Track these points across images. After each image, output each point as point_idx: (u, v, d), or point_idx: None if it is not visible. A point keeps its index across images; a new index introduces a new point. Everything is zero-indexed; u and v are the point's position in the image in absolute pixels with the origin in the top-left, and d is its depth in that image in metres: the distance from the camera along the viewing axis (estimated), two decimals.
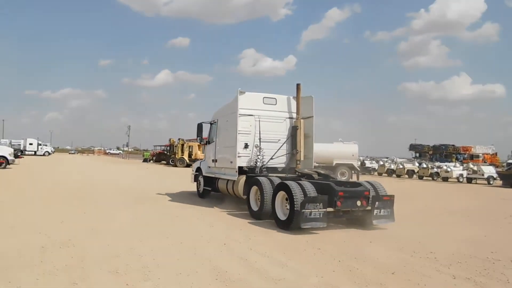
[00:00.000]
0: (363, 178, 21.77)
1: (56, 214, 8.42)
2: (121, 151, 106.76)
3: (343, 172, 23.43)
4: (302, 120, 12.17)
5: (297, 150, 11.76)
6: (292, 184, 8.56)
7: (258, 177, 9.87)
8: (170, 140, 38.39)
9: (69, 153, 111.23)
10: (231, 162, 11.44)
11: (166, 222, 7.87)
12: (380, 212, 9.12)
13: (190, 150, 33.77)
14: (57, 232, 6.74)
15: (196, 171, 14.41)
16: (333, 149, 23.71)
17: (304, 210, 8.19)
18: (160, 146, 53.24)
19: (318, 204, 8.35)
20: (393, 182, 22.53)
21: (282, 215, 8.66)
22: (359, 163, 26.83)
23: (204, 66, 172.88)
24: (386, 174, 30.10)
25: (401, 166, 30.49)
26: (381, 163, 33.41)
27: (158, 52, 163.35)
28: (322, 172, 10.37)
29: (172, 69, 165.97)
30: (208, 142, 13.56)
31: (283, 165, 11.72)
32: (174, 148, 36.83)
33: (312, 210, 8.36)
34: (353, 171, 23.29)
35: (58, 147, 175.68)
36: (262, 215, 9.47)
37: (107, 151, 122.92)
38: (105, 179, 15.94)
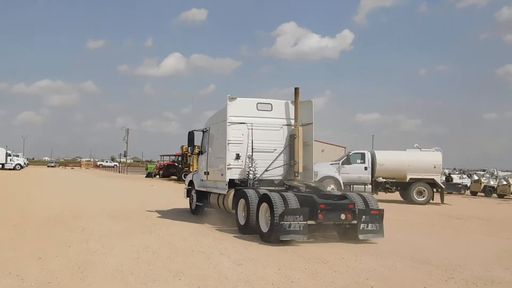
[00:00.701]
0: (451, 199, 22.17)
1: (31, 247, 8.80)
2: (116, 163, 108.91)
3: (420, 190, 23.61)
4: (300, 128, 14.00)
5: (295, 160, 13.57)
6: (274, 196, 10.38)
7: (245, 190, 11.62)
8: (182, 148, 39.19)
9: (48, 166, 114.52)
10: (222, 174, 13.16)
11: (178, 258, 8.75)
12: (367, 226, 10.97)
13: None
14: (33, 273, 7.15)
15: (188, 185, 16.52)
16: (407, 159, 24.04)
17: (283, 222, 10.02)
18: (169, 156, 54.39)
19: (298, 216, 10.11)
20: (494, 207, 22.36)
21: (265, 227, 10.48)
22: (444, 178, 27.23)
23: (227, 47, 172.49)
24: (482, 193, 29.73)
25: (504, 182, 30.10)
26: (476, 177, 33.30)
27: (165, 29, 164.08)
28: (312, 184, 12.16)
29: (184, 52, 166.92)
30: (201, 153, 15.62)
31: (280, 177, 13.51)
32: (188, 159, 37.47)
33: (292, 222, 10.20)
34: (435, 189, 23.42)
35: (33, 158, 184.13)
36: (249, 229, 11.20)
37: (99, 163, 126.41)
38: (96, 204, 17.17)
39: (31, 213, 13.63)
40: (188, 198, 16.56)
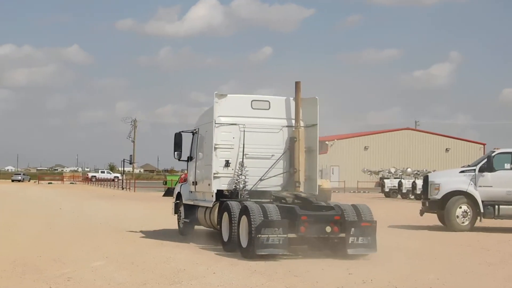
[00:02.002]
0: None
1: None
2: (118, 175, 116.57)
3: None
4: (302, 129, 18.01)
5: (295, 168, 17.55)
6: (252, 207, 14.78)
7: (229, 202, 15.82)
8: None
9: (13, 180, 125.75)
10: (209, 184, 17.18)
11: None
12: (357, 240, 15.13)
13: None
14: None
15: (176, 199, 21.20)
16: None
17: (260, 235, 14.27)
18: None
19: (276, 229, 14.37)
20: None
21: (244, 241, 14.69)
22: None
23: None
24: None
25: None
26: None
27: None
28: (303, 195, 16.16)
29: None
30: (190, 159, 20.17)
31: (279, 188, 17.54)
32: None
33: (270, 236, 14.48)
34: None
35: None
36: (232, 246, 15.69)
37: (91, 174, 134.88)
38: (87, 240, 20.01)
39: None
40: (176, 215, 20.67)
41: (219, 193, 17.87)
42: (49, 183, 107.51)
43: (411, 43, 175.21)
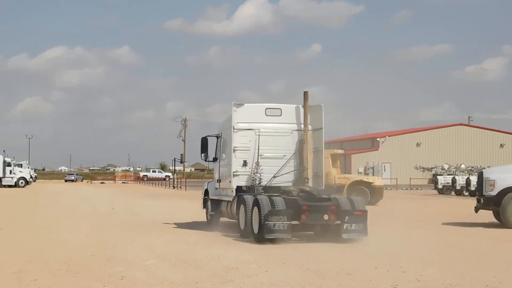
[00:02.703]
0: None
1: None
2: (169, 174, 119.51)
3: None
4: (309, 133, 21.04)
5: (304, 166, 20.76)
6: (262, 199, 18.08)
7: (244, 195, 19.12)
8: None
9: (66, 180, 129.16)
10: (230, 181, 20.35)
11: None
12: (350, 226, 18.41)
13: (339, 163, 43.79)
14: None
15: (204, 195, 24.89)
16: None
17: (268, 222, 17.56)
18: None
19: (282, 217, 17.68)
20: None
21: (256, 228, 17.83)
22: None
23: None
24: None
25: None
26: None
27: None
28: (307, 189, 19.54)
29: None
30: (215, 159, 23.25)
31: (290, 183, 20.70)
32: None
33: (276, 222, 17.79)
34: None
35: (43, 169, 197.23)
36: (247, 232, 18.53)
37: (142, 174, 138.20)
38: (140, 238, 20.74)
39: (41, 254, 15.62)
40: (205, 209, 23.80)
41: (238, 189, 20.79)
42: (101, 182, 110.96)
43: (463, 37, 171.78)
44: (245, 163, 21.34)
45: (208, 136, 23.63)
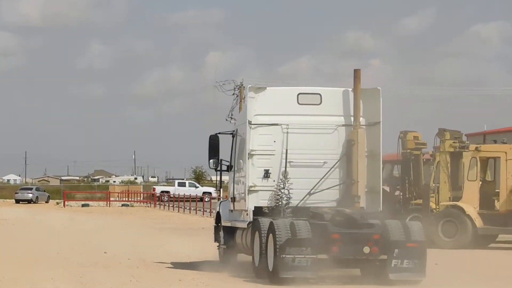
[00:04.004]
0: None
1: None
2: (210, 190, 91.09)
3: None
4: (361, 130, 16.75)
5: (353, 179, 16.70)
6: (279, 224, 15.42)
7: (260, 219, 16.30)
8: (403, 139, 33.73)
9: (18, 201, 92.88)
10: (244, 200, 17.45)
11: None
12: (401, 263, 14.91)
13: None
14: None
15: (216, 221, 20.77)
16: None
17: (285, 255, 14.79)
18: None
19: (304, 248, 14.84)
20: None
21: (271, 264, 15.62)
22: None
23: None
24: None
25: None
26: None
27: None
28: (347, 211, 15.89)
29: None
30: (230, 168, 19.13)
31: (334, 204, 17.01)
32: (422, 169, 34.65)
33: (296, 256, 14.68)
34: None
35: None
36: (263, 271, 15.94)
37: (161, 189, 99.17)
38: None
39: None
40: (216, 242, 20.59)
41: (258, 211, 16.95)
42: (83, 205, 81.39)
43: None
44: (266, 174, 16.73)
45: (219, 133, 18.86)
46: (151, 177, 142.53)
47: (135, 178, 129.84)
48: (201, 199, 70.79)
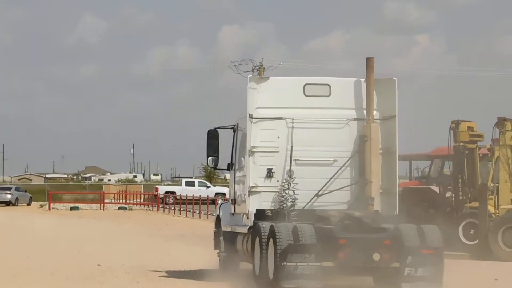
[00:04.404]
0: None
1: None
2: (224, 191, 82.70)
3: None
4: (375, 124, 15.54)
5: (366, 179, 15.55)
6: (280, 228, 14.45)
7: (260, 223, 15.40)
8: (455, 131, 30.45)
9: None
10: (245, 202, 16.61)
11: None
12: (415, 271, 13.68)
13: None
14: None
15: (216, 225, 19.75)
16: None
17: (286, 263, 13.77)
18: (410, 158, 45.93)
19: (307, 255, 13.82)
20: None
21: (271, 272, 14.68)
22: None
23: None
24: None
25: None
26: None
27: None
28: (356, 214, 15.03)
29: None
30: (231, 166, 17.94)
31: (345, 206, 15.91)
32: (478, 166, 31.30)
33: (299, 264, 13.60)
34: None
35: None
36: (263, 279, 14.92)
37: (165, 189, 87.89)
38: None
39: None
40: (217, 250, 19.86)
41: (260, 214, 15.96)
42: (72, 208, 73.40)
43: None
44: (270, 173, 15.59)
45: (219, 128, 17.70)
46: (153, 175, 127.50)
47: (134, 176, 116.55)
48: (213, 201, 61.60)
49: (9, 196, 76.46)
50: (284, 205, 15.57)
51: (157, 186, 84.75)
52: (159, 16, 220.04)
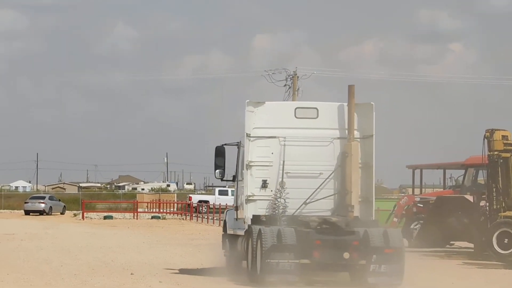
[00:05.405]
0: None
1: None
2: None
3: None
4: (355, 143, 17.89)
5: (347, 189, 18.15)
6: (266, 231, 17.06)
7: (252, 226, 18.10)
8: (489, 137, 31.10)
9: (27, 212, 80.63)
10: (243, 208, 19.61)
11: None
12: (379, 268, 16.39)
13: None
14: None
15: (223, 229, 22.88)
16: None
17: (269, 260, 16.61)
18: (433, 167, 45.42)
19: (288, 253, 16.67)
20: None
21: (258, 268, 17.82)
22: None
23: None
24: None
25: None
26: None
27: None
28: (333, 219, 17.46)
29: None
30: (235, 178, 20.50)
31: (328, 213, 18.42)
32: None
33: (280, 261, 16.45)
34: None
35: None
36: (253, 274, 17.72)
37: (198, 198, 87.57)
38: None
39: None
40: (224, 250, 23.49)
41: (256, 219, 18.26)
42: (105, 217, 72.80)
43: None
44: (264, 184, 18.00)
45: (225, 144, 19.76)
46: (187, 184, 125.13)
47: (168, 185, 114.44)
48: None
49: (42, 205, 75.74)
50: (277, 212, 18.25)
51: (190, 195, 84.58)
52: (191, 24, 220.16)
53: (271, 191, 18.18)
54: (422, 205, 36.42)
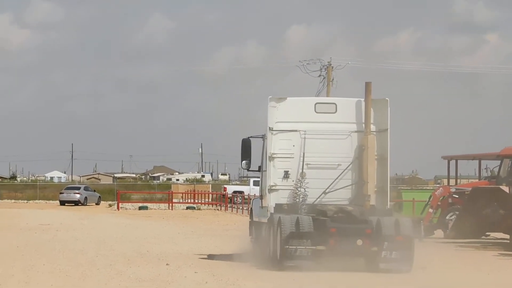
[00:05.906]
0: None
1: None
2: None
3: None
4: (371, 136, 19.16)
5: (364, 180, 19.41)
6: (285, 219, 18.60)
7: (274, 215, 19.72)
8: None
9: (62, 202, 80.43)
10: (267, 198, 23.33)
11: None
12: (390, 254, 17.77)
13: None
14: None
15: (250, 217, 25.46)
16: None
17: (288, 247, 18.14)
18: (479, 157, 43.69)
19: (305, 240, 18.08)
20: None
21: (278, 254, 19.92)
22: None
23: None
24: None
25: None
26: None
27: None
28: (349, 208, 19.17)
29: None
30: (260, 168, 22.16)
31: (346, 202, 19.90)
32: None
33: (298, 247, 17.86)
34: None
35: (12, 176, 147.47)
36: (274, 259, 19.88)
37: (234, 189, 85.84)
38: None
39: None
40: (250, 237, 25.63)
41: (278, 208, 19.65)
42: (140, 208, 72.66)
43: None
44: (286, 175, 19.17)
45: (251, 137, 20.90)
46: (222, 174, 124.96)
47: (202, 176, 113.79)
48: None
49: (78, 195, 75.26)
50: (297, 200, 19.50)
51: (225, 186, 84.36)
52: (227, 15, 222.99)
53: (292, 181, 19.45)
54: (457, 196, 35.98)
